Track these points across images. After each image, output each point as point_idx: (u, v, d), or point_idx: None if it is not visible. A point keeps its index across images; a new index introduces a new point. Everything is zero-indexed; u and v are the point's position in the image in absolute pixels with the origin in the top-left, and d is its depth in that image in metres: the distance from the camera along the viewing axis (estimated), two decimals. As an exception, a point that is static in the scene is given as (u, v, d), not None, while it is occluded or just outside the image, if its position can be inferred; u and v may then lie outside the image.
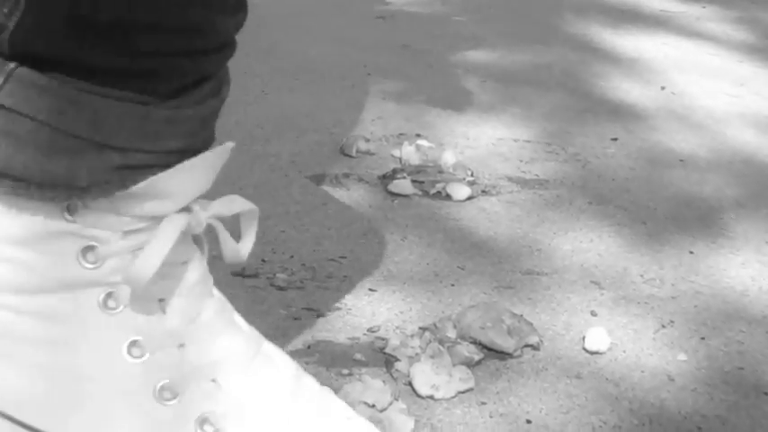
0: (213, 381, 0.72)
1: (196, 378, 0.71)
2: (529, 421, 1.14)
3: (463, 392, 1.18)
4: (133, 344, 0.71)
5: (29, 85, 0.67)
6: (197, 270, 0.75)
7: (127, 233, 0.71)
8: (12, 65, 0.67)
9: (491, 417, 1.14)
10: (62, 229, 0.70)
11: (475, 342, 1.26)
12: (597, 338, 1.29)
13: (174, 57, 0.69)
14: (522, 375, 1.23)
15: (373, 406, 1.08)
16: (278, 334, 1.26)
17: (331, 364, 1.21)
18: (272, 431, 0.71)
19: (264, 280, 1.39)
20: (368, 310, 1.34)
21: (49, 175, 0.67)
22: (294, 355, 1.22)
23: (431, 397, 1.17)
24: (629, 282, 1.47)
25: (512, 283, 1.44)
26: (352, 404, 1.08)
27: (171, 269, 0.71)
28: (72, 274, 0.70)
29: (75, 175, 0.68)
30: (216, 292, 0.77)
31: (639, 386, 1.22)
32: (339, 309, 1.33)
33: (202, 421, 0.71)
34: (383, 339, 1.26)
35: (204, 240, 0.78)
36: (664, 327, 1.36)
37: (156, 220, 0.71)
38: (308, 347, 1.24)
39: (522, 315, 1.31)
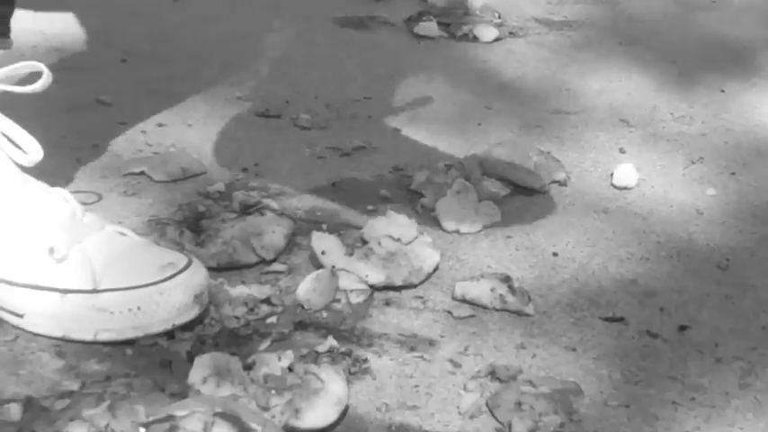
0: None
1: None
2: (555, 254, 1.13)
3: (489, 227, 1.17)
4: None
5: None
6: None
7: None
8: None
9: (517, 250, 1.14)
10: None
11: (501, 178, 1.25)
12: (625, 174, 1.27)
13: None
14: (549, 210, 1.22)
15: (399, 240, 1.08)
16: (302, 172, 1.25)
17: (356, 200, 1.20)
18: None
19: (288, 120, 1.38)
20: (393, 149, 1.32)
21: None
22: (319, 192, 1.21)
23: (456, 231, 1.16)
24: (659, 119, 1.45)
25: (539, 122, 1.42)
26: (377, 238, 1.08)
27: None
28: None
29: None
30: None
31: (668, 220, 1.21)
32: (364, 148, 1.32)
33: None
34: (408, 177, 1.25)
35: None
36: (693, 163, 1.34)
37: None
38: (333, 185, 1.23)
39: (549, 152, 1.30)
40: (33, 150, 0.97)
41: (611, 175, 1.28)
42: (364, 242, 1.09)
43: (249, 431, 0.75)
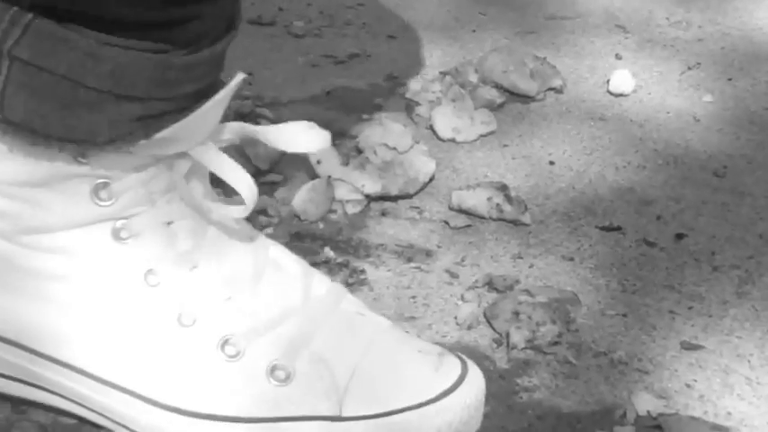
0: (229, 299, 0.71)
1: (212, 299, 0.70)
2: (552, 162, 1.13)
3: (485, 135, 1.16)
4: (149, 272, 0.70)
5: (47, 37, 0.64)
6: (200, 188, 0.73)
7: (138, 167, 0.69)
8: (29, 15, 0.64)
9: (513, 159, 1.13)
10: (74, 171, 0.68)
11: (497, 86, 1.23)
12: (622, 81, 1.26)
13: (193, 3, 0.66)
14: (545, 118, 1.21)
15: (394, 149, 1.07)
16: (296, 81, 1.24)
17: (351, 109, 1.19)
18: (288, 341, 0.70)
19: (281, 28, 1.36)
20: (387, 57, 1.31)
21: (70, 129, 0.65)
22: (313, 101, 1.20)
23: (452, 140, 1.15)
24: (655, 25, 1.43)
25: (534, 28, 1.40)
26: (372, 147, 1.07)
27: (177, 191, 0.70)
28: (84, 212, 0.69)
29: (96, 129, 0.66)
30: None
31: (664, 127, 1.20)
32: (358, 55, 1.31)
33: (223, 343, 0.69)
34: (403, 85, 1.24)
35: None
36: (690, 68, 1.32)
37: (168, 157, 0.70)
38: (327, 93, 1.22)
39: (545, 58, 1.28)
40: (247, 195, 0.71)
41: (608, 81, 1.27)
42: (359, 151, 1.08)
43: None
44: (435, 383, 0.69)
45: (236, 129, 0.73)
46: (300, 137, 0.72)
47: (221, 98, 0.69)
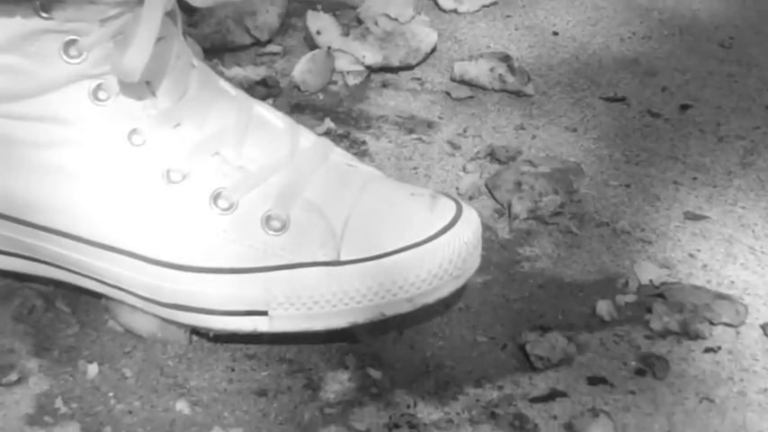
0: (216, 154, 0.70)
1: (199, 155, 0.69)
2: (555, 33, 1.11)
3: (487, 6, 1.14)
4: (132, 132, 0.69)
5: None
6: (176, 44, 0.70)
7: (104, 21, 0.67)
8: None
9: (516, 29, 1.11)
10: (39, 27, 0.66)
11: (500, -45, 1.20)
12: (628, -50, 1.23)
13: None
14: (549, -12, 1.18)
15: (395, 19, 1.05)
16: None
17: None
18: (280, 191, 0.70)
19: None
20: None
21: None
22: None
23: (454, 11, 1.13)
24: None
25: None
26: (373, 17, 1.05)
27: (154, 50, 0.67)
28: (57, 72, 0.67)
29: None
30: (196, 61, 0.73)
31: (670, -3, 1.18)
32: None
33: (215, 197, 0.69)
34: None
35: (177, 12, 0.72)
36: (698, -62, 1.29)
37: (130, 3, 0.67)
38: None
39: (549, -73, 1.25)
40: None
41: (614, -49, 1.24)
42: (360, 22, 1.06)
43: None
44: (431, 223, 0.69)
45: None
46: None
47: None
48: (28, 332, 0.72)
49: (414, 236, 0.69)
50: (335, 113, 0.97)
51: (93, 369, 0.69)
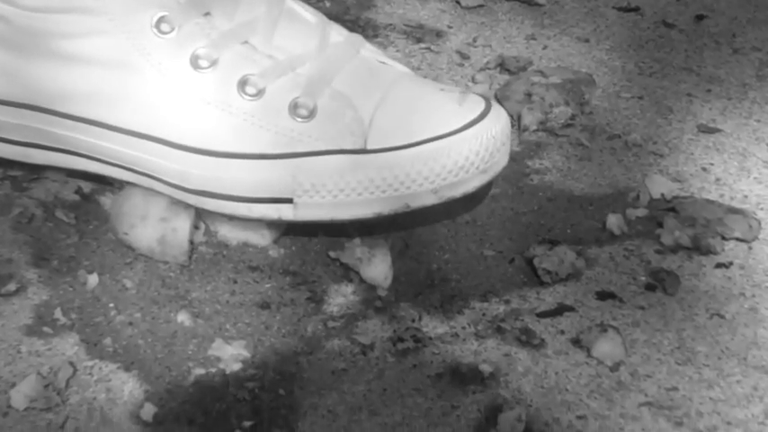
0: (245, 43, 0.70)
1: (227, 42, 0.69)
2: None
3: None
4: (161, 20, 0.69)
5: None
6: None
7: None
8: None
9: (528, -64, 1.08)
10: None
11: None
12: None
13: None
14: None
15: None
16: None
17: None
18: (308, 80, 0.69)
19: None
20: None
21: None
22: None
23: None
24: None
25: None
26: None
27: None
28: None
29: None
30: None
31: None
32: None
33: (243, 83, 0.69)
34: None
35: None
36: None
37: None
38: None
39: None
40: None
41: None
42: (368, -73, 1.03)
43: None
44: (460, 115, 0.69)
45: None
46: None
47: None
48: (27, 242, 0.71)
49: (441, 127, 0.68)
50: (342, 22, 0.94)
51: (93, 279, 0.68)
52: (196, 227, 0.72)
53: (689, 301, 0.70)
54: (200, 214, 0.72)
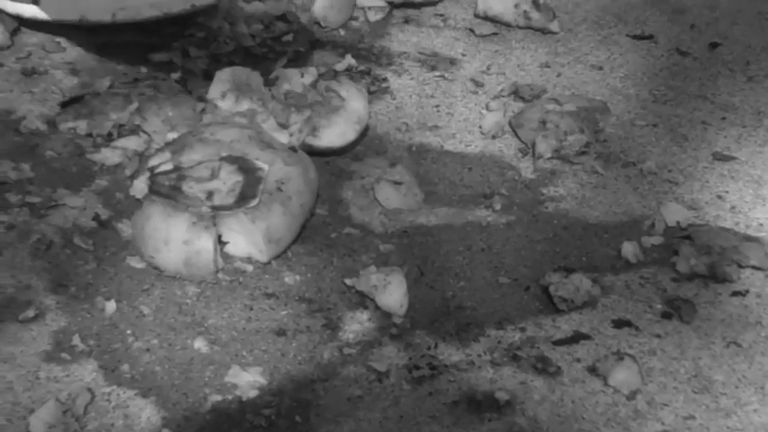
0: None
1: None
2: (582, -31, 1.08)
3: (513, -60, 1.11)
4: None
5: None
6: None
7: None
8: None
9: (542, -35, 1.09)
10: None
11: None
12: None
13: None
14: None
15: (418, -47, 1.03)
16: None
17: None
18: None
19: None
20: None
21: None
22: None
23: (479, -55, 1.11)
24: None
25: None
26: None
27: None
28: None
29: None
30: None
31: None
32: None
33: None
34: None
35: None
36: None
37: None
38: None
39: None
40: None
41: None
42: (382, -44, 1.03)
43: (256, 171, 0.73)
44: None
45: None
46: None
47: None
48: (45, 268, 0.71)
49: None
50: (356, 50, 0.95)
51: (110, 306, 0.69)
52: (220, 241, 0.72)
53: (705, 329, 0.70)
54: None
